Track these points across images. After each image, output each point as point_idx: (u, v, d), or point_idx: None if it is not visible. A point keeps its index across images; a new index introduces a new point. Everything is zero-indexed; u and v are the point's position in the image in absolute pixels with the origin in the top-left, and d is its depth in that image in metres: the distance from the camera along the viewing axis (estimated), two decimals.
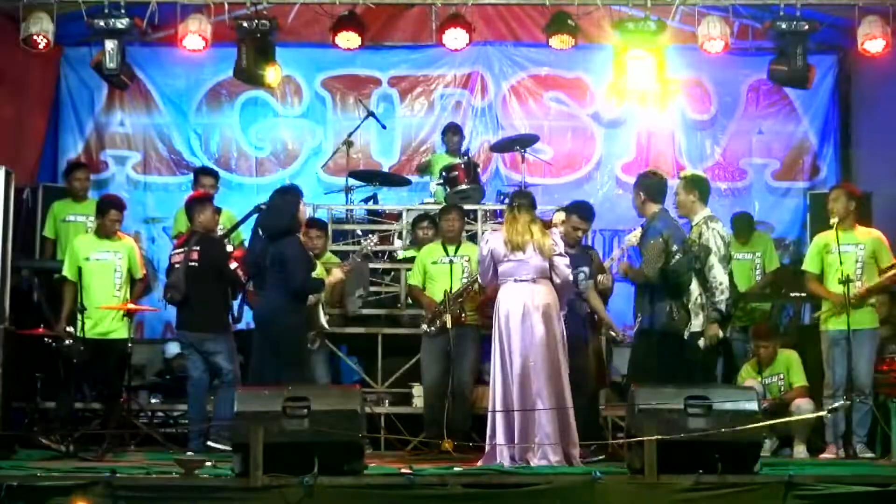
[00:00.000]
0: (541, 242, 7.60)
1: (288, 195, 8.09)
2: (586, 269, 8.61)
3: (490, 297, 8.05)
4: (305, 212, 8.13)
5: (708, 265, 7.74)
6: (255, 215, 8.54)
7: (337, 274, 8.65)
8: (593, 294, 8.69)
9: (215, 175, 10.46)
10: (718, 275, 7.70)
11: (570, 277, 7.81)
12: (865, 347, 8.48)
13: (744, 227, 10.38)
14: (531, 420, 7.44)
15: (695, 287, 7.74)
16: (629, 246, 8.24)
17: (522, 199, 7.85)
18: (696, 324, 7.73)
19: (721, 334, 7.77)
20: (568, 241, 8.25)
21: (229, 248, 8.93)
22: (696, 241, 7.81)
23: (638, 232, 7.99)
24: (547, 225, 7.76)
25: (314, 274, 8.42)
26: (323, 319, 8.83)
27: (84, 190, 10.26)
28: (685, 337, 7.71)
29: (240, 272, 8.31)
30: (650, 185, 8.00)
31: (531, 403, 7.43)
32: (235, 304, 8.72)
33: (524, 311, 7.52)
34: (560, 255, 7.67)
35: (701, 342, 7.69)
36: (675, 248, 7.71)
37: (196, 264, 8.49)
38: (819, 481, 6.56)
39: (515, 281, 7.60)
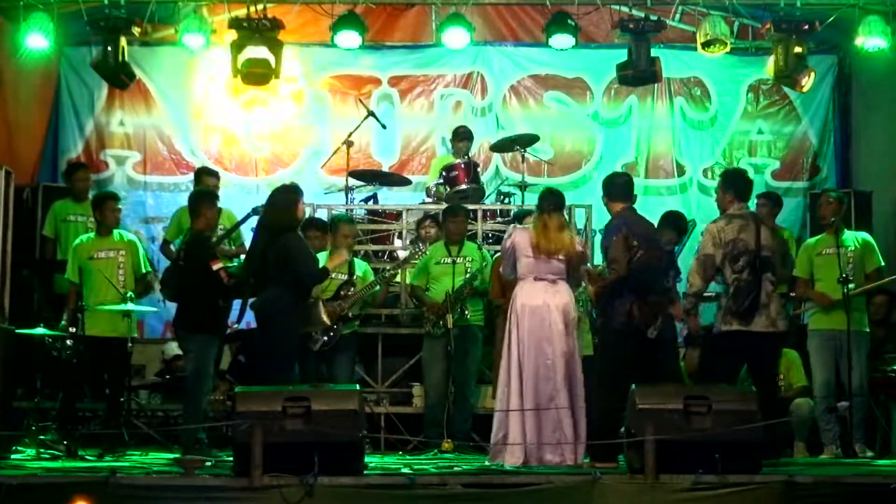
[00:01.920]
0: (571, 253, 7.63)
1: (288, 192, 8.18)
2: None
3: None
4: (304, 209, 8.21)
5: None
6: (253, 217, 8.53)
7: (343, 254, 8.63)
8: None
9: (217, 175, 10.43)
10: (690, 272, 7.71)
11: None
12: (857, 349, 8.50)
13: (769, 209, 10.33)
14: (547, 419, 7.44)
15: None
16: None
17: (552, 200, 7.77)
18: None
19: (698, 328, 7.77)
20: None
21: (241, 257, 8.91)
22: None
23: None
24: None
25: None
26: (324, 315, 8.81)
27: (85, 190, 10.26)
28: (652, 336, 7.54)
29: (223, 274, 8.28)
30: (608, 185, 7.93)
31: (546, 402, 7.43)
32: (236, 305, 8.71)
33: (544, 309, 7.51)
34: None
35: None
36: (635, 244, 7.57)
37: (182, 263, 8.49)
38: (819, 481, 6.58)
39: (535, 279, 7.61)
